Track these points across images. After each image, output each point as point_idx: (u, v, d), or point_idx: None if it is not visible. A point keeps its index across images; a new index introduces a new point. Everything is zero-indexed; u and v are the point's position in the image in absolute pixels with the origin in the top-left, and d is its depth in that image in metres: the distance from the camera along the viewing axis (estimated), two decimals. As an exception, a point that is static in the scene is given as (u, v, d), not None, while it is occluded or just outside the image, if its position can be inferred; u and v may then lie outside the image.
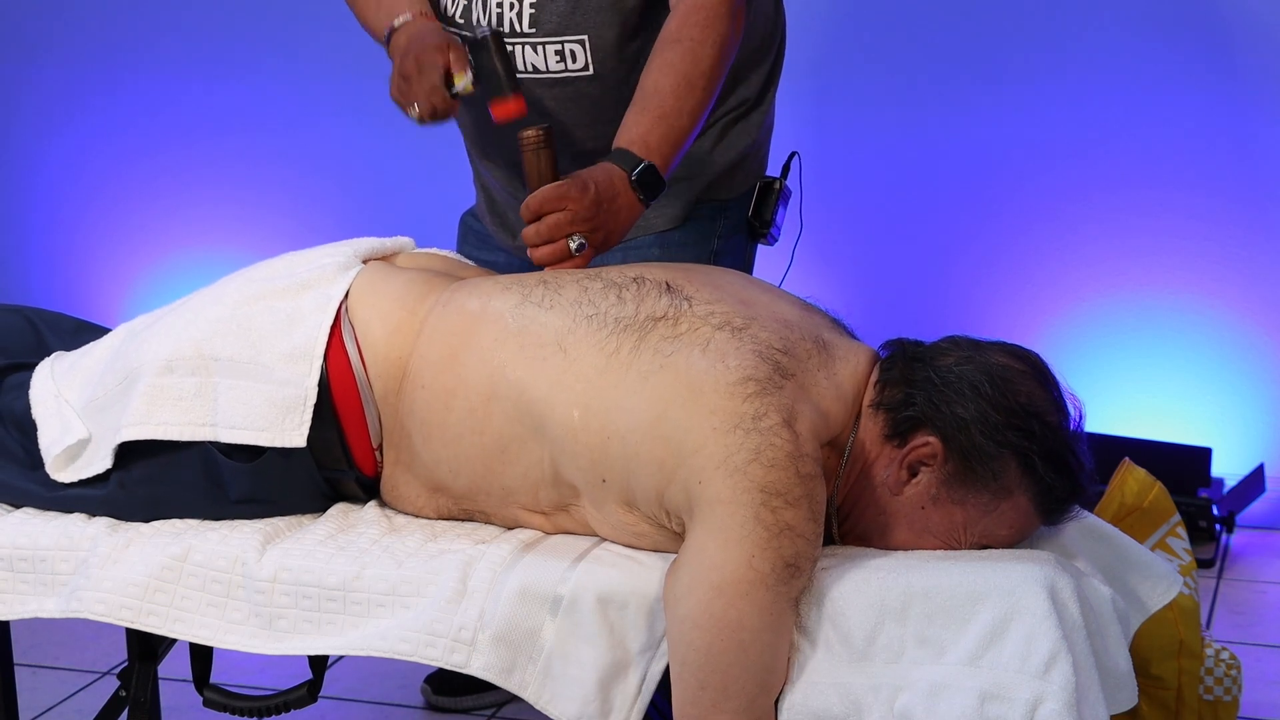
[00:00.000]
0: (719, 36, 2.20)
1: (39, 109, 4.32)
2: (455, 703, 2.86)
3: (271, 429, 1.95)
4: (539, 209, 2.05)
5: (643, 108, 2.16)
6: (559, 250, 2.05)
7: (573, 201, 2.05)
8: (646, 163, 2.11)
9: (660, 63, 2.18)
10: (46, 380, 2.11)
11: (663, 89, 2.16)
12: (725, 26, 2.21)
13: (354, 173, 4.09)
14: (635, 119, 2.15)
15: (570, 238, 2.04)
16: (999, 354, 1.89)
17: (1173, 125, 3.63)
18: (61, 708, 2.88)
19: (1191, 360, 3.69)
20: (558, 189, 2.05)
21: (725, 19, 2.21)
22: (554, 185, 2.06)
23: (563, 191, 2.05)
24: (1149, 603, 1.98)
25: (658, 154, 2.13)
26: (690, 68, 2.17)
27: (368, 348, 1.99)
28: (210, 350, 1.99)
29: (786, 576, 1.75)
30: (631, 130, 2.14)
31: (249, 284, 2.05)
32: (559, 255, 2.05)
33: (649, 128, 2.14)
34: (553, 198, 2.05)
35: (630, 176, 2.10)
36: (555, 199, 2.05)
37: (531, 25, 2.30)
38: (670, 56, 2.18)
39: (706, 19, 2.19)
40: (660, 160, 2.13)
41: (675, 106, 2.15)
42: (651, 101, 2.15)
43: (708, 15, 2.20)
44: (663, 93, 2.16)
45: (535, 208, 2.05)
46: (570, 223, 2.05)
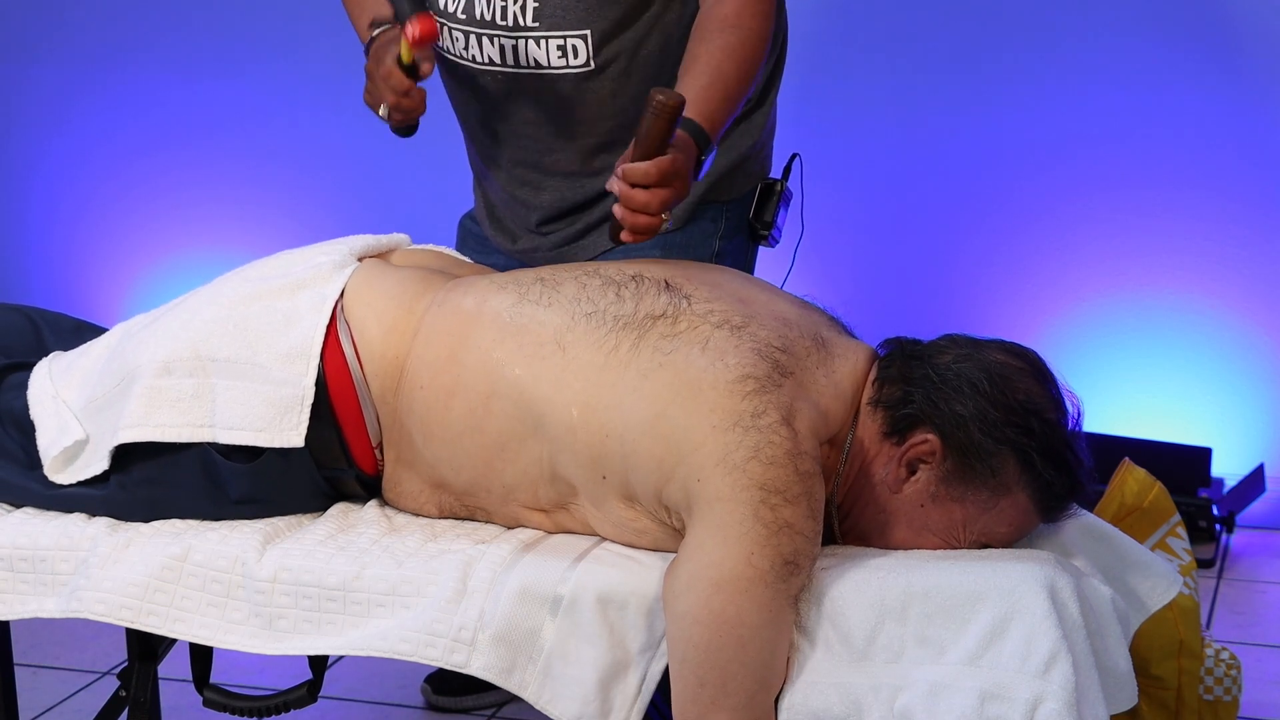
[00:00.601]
0: (769, 30, 2.22)
1: (38, 109, 4.31)
2: (455, 703, 2.86)
3: (269, 429, 1.95)
4: (658, 179, 1.97)
5: (710, 84, 2.12)
6: (655, 224, 1.99)
7: (681, 182, 2.00)
8: (713, 145, 2.11)
9: (722, 44, 2.16)
10: (44, 380, 2.11)
11: (727, 72, 2.14)
12: (773, 21, 2.23)
13: (354, 172, 4.09)
14: (705, 94, 2.10)
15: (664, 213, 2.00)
16: (997, 352, 1.90)
17: (1173, 125, 3.63)
18: (61, 708, 2.88)
19: (1191, 360, 3.69)
20: (673, 164, 1.98)
21: (774, 14, 2.23)
22: (670, 159, 1.97)
23: (679, 169, 1.99)
24: (1149, 603, 1.98)
25: (717, 136, 2.12)
26: (748, 58, 2.17)
27: (364, 347, 1.99)
28: (207, 351, 1.98)
29: (786, 574, 1.75)
30: (702, 105, 2.09)
31: (245, 284, 2.05)
32: (654, 229, 2.00)
33: (718, 108, 2.11)
34: (671, 172, 1.97)
35: (700, 157, 2.08)
36: (673, 175, 1.98)
37: (535, 19, 2.30)
38: (731, 40, 2.16)
39: (764, 10, 2.20)
40: (716, 142, 2.12)
41: (737, 92, 2.15)
42: (718, 81, 2.13)
43: (764, 7, 2.20)
44: (727, 76, 2.14)
45: (655, 176, 1.97)
46: (674, 200, 2.00)
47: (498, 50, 2.33)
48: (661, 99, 1.95)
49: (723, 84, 2.13)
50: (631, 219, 1.99)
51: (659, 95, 1.95)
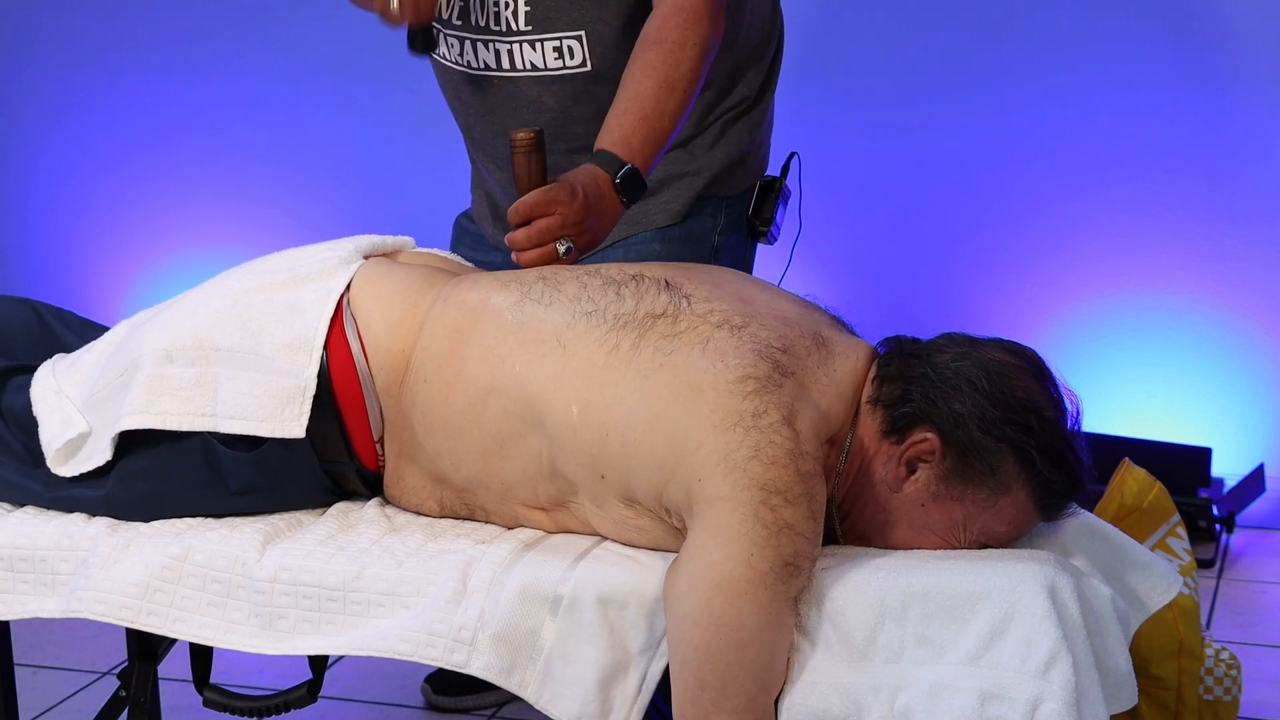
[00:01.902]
0: (700, 38, 2.19)
1: (38, 108, 4.32)
2: (455, 703, 2.86)
3: (271, 419, 1.96)
4: (529, 213, 2.05)
5: (624, 109, 2.15)
6: (547, 254, 2.04)
7: (562, 206, 2.04)
8: (630, 165, 2.11)
9: (642, 64, 2.18)
10: (47, 377, 2.11)
11: (644, 91, 2.16)
12: (706, 28, 2.20)
13: (353, 172, 4.09)
14: (617, 120, 2.15)
15: (558, 241, 2.04)
16: (996, 350, 1.90)
17: (1173, 125, 3.63)
18: (61, 708, 2.88)
19: (1191, 360, 3.69)
20: (547, 194, 2.04)
21: (706, 21, 2.20)
22: (543, 190, 2.05)
23: (552, 196, 2.04)
24: (1149, 603, 1.98)
25: (640, 156, 2.13)
26: (671, 70, 2.17)
27: (369, 340, 1.99)
28: (210, 340, 1.99)
29: (786, 575, 1.75)
30: (614, 132, 2.14)
31: (250, 276, 2.05)
32: (546, 259, 2.05)
33: (631, 129, 2.13)
34: (542, 202, 2.04)
35: (614, 179, 2.10)
36: (545, 204, 2.04)
37: (528, 23, 2.30)
38: (651, 58, 2.18)
39: (687, 20, 2.19)
40: (642, 163, 2.13)
41: (657, 108, 2.15)
42: (633, 103, 2.15)
43: (688, 17, 2.19)
44: (644, 95, 2.15)
45: (525, 212, 2.05)
46: (560, 227, 2.04)
47: (493, 55, 2.34)
48: (516, 136, 2.07)
49: (640, 104, 2.15)
50: (520, 256, 2.06)
51: (513, 133, 2.07)
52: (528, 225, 2.05)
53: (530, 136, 2.08)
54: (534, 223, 2.05)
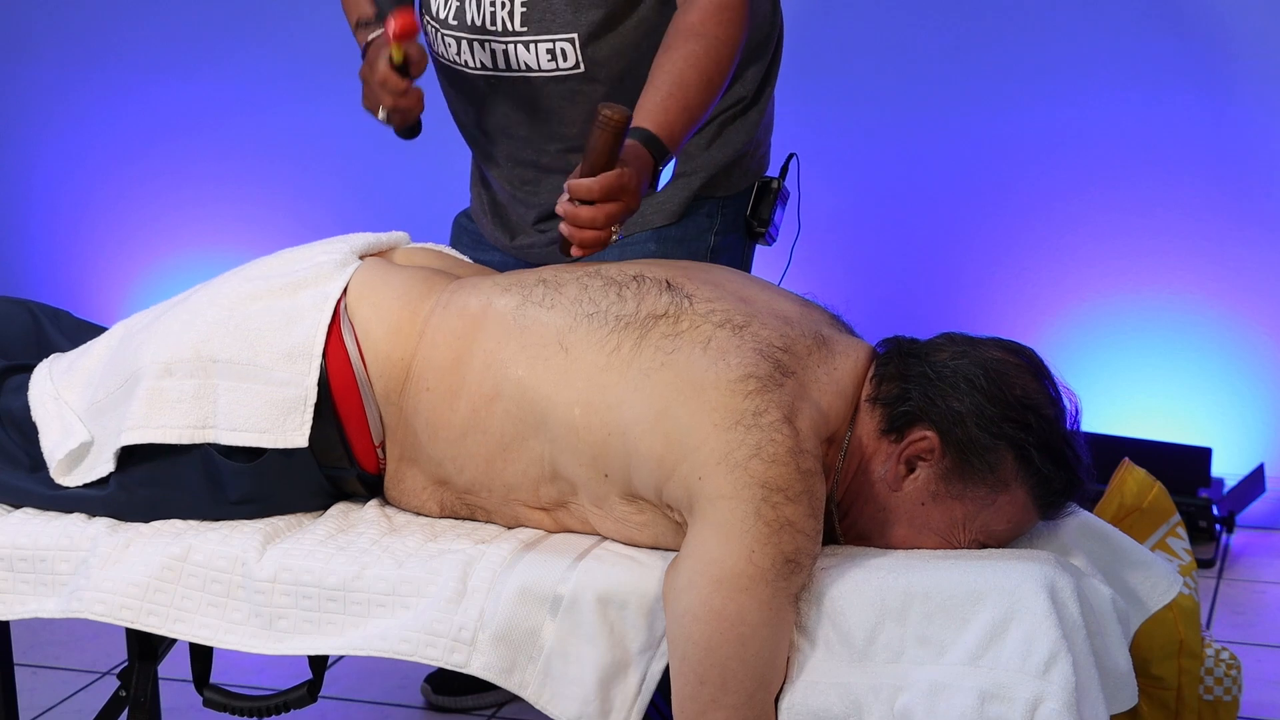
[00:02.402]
0: (738, 37, 2.20)
1: (37, 108, 4.31)
2: (455, 702, 2.86)
3: (273, 430, 1.95)
4: (602, 195, 1.99)
5: (669, 94, 2.13)
6: (603, 238, 2.01)
7: (629, 196, 2.01)
8: (672, 155, 2.11)
9: (685, 53, 2.16)
10: (45, 381, 2.11)
11: (689, 81, 2.14)
12: (742, 27, 2.21)
13: (353, 171, 4.09)
14: (663, 104, 2.11)
15: (614, 226, 2.01)
16: (994, 349, 1.90)
17: (1173, 125, 3.63)
18: (61, 708, 2.88)
19: (1191, 360, 3.69)
20: (619, 179, 1.99)
21: (744, 21, 2.21)
22: (619, 174, 1.99)
23: (625, 183, 2.00)
24: (1149, 603, 1.98)
25: (676, 146, 2.12)
26: (712, 66, 2.17)
27: (368, 347, 1.99)
28: (208, 352, 1.98)
29: (786, 572, 1.76)
30: (659, 115, 2.10)
31: (245, 283, 2.04)
32: (602, 243, 2.01)
33: (676, 117, 2.11)
34: (616, 187, 1.99)
35: (657, 168, 2.09)
36: (618, 189, 1.99)
37: (523, 24, 2.30)
38: (695, 49, 2.16)
39: (730, 18, 2.19)
40: (676, 152, 2.12)
41: (698, 101, 2.14)
42: (678, 91, 2.13)
43: (731, 15, 2.19)
44: (688, 85, 2.14)
45: (599, 192, 1.99)
46: (623, 213, 2.01)
47: (489, 55, 2.34)
48: (607, 114, 1.97)
49: (683, 93, 2.13)
50: (578, 234, 2.01)
51: (605, 110, 1.98)
52: (593, 206, 1.99)
53: (621, 118, 1.99)
54: (601, 206, 1.99)
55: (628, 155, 2.03)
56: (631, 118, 2.01)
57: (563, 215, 2.01)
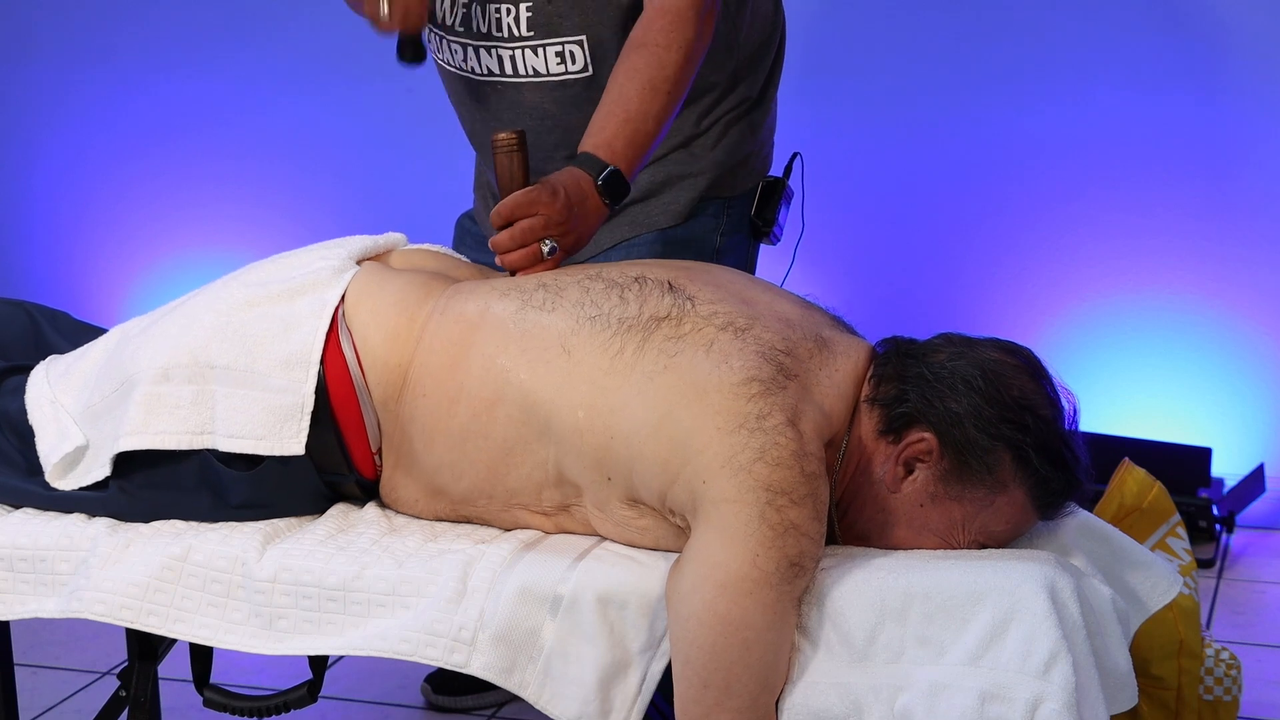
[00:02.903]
0: (685, 40, 2.19)
1: (37, 108, 4.31)
2: (455, 702, 2.86)
3: (270, 437, 1.95)
4: (511, 214, 2.04)
5: (608, 111, 2.15)
6: (531, 255, 2.04)
7: (544, 206, 2.04)
8: (613, 167, 2.11)
9: (626, 67, 2.18)
10: (42, 384, 2.10)
11: (628, 93, 2.16)
12: (691, 30, 2.19)
13: (353, 172, 4.09)
14: (601, 123, 2.15)
15: (542, 241, 2.04)
16: (991, 349, 1.90)
17: (1173, 125, 3.63)
18: (61, 708, 2.88)
19: (1191, 360, 3.69)
20: (529, 194, 2.04)
21: (691, 23, 2.19)
22: (525, 191, 2.05)
23: (534, 197, 2.04)
24: (1149, 603, 1.98)
25: (623, 158, 2.13)
26: (655, 72, 2.17)
27: (366, 354, 1.98)
28: (206, 358, 1.98)
29: (790, 575, 1.76)
30: (597, 134, 2.14)
31: (243, 289, 2.04)
32: (531, 260, 2.04)
33: (615, 132, 2.13)
34: (525, 203, 2.04)
35: (597, 181, 2.10)
36: (527, 205, 2.04)
37: (530, 29, 2.30)
38: (636, 61, 2.18)
39: (672, 23, 2.19)
40: (625, 165, 2.13)
41: (640, 110, 2.15)
42: (617, 106, 2.15)
43: (673, 19, 2.19)
44: (628, 97, 2.15)
45: (506, 214, 2.05)
46: (543, 228, 2.04)
47: (495, 61, 2.34)
48: (497, 138, 2.07)
49: (623, 106, 2.14)
50: (503, 259, 2.05)
51: (495, 133, 2.07)
52: (510, 227, 2.05)
53: (512, 137, 2.08)
54: (517, 224, 2.04)
55: (555, 176, 2.08)
56: (523, 135, 2.08)
57: (491, 247, 2.07)
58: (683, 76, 2.19)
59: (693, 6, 2.19)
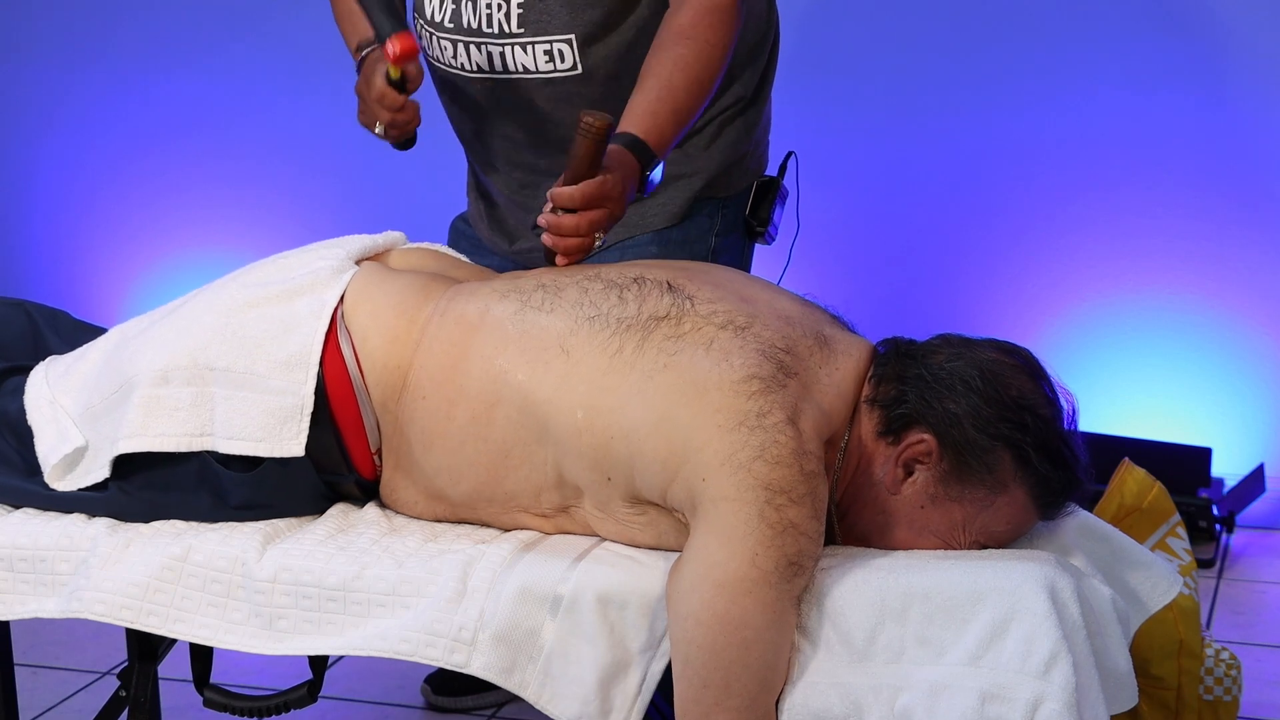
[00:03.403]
0: (729, 40, 2.20)
1: (37, 108, 4.31)
2: (455, 703, 2.86)
3: (270, 439, 1.95)
4: (584, 203, 2.00)
5: (658, 97, 2.13)
6: (587, 245, 2.02)
7: (613, 203, 2.02)
8: (659, 160, 2.11)
9: (674, 56, 2.17)
10: (41, 385, 2.10)
11: (677, 84, 2.15)
12: (734, 31, 2.21)
13: (352, 172, 4.09)
14: (651, 108, 2.12)
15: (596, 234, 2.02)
16: (989, 350, 1.90)
17: (1173, 125, 3.63)
18: (61, 708, 2.88)
19: (1191, 360, 3.69)
20: (603, 186, 2.01)
21: (734, 24, 2.21)
22: (601, 181, 2.00)
23: (608, 191, 2.01)
24: (1149, 603, 1.98)
25: (665, 150, 2.12)
26: (702, 69, 2.17)
27: (365, 356, 1.98)
28: (205, 360, 1.98)
29: (790, 574, 1.75)
30: (647, 120, 2.11)
31: (242, 290, 2.03)
32: (585, 250, 2.02)
33: (665, 121, 2.12)
34: (598, 195, 2.01)
35: (644, 173, 2.09)
36: (600, 197, 2.01)
37: (520, 26, 2.30)
38: (684, 53, 2.17)
39: (721, 20, 2.19)
40: (664, 157, 2.13)
41: (687, 104, 2.15)
42: (666, 95, 2.14)
43: (722, 17, 2.19)
44: (676, 88, 2.14)
45: (581, 201, 2.00)
46: (607, 220, 2.02)
47: (485, 58, 2.34)
48: (589, 120, 1.98)
49: (671, 97, 2.14)
50: (562, 243, 2.02)
51: (586, 116, 1.99)
52: (575, 213, 2.00)
53: (602, 124, 1.99)
54: (584, 214, 2.01)
55: (612, 161, 2.04)
56: (614, 124, 2.02)
57: (545, 225, 2.03)
58: (720, 76, 2.21)
59: (735, 6, 2.20)
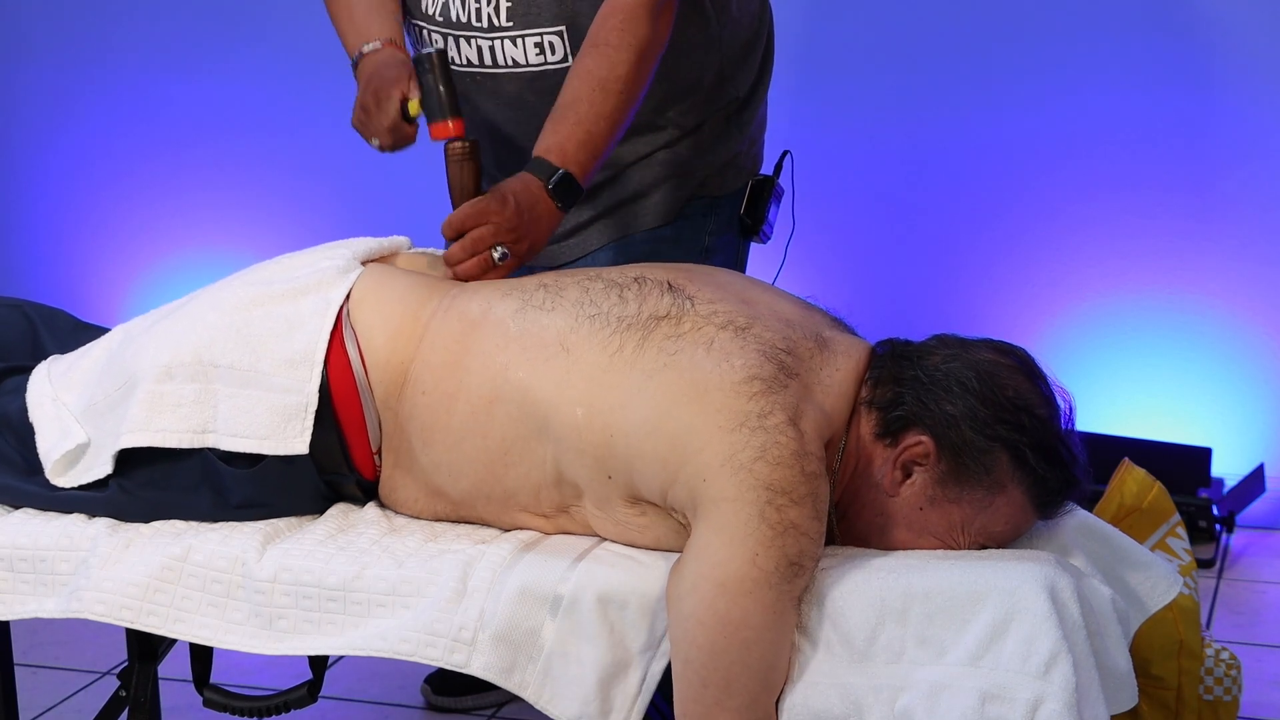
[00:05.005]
0: (636, 39, 2.19)
1: (38, 110, 4.31)
2: (455, 703, 2.86)
3: (273, 437, 1.95)
4: (461, 226, 2.07)
5: (560, 115, 2.17)
6: (482, 263, 2.07)
7: (494, 215, 2.07)
8: (563, 170, 2.13)
9: (579, 68, 2.20)
10: (43, 383, 2.11)
11: (579, 95, 2.17)
12: (644, 29, 2.20)
13: (352, 173, 4.09)
14: (552, 127, 2.17)
15: (493, 249, 2.07)
16: (986, 350, 1.90)
17: (1173, 126, 3.63)
18: (61, 708, 2.88)
19: (1191, 360, 3.69)
20: (477, 205, 2.07)
21: (644, 21, 2.20)
22: (473, 202, 2.08)
23: (482, 207, 2.07)
24: (1149, 603, 1.98)
25: (574, 161, 2.14)
26: (606, 72, 2.17)
27: (369, 353, 1.98)
28: (209, 357, 1.98)
29: (790, 575, 1.76)
30: (548, 138, 2.15)
31: (247, 288, 2.04)
32: (482, 268, 2.07)
33: (565, 135, 2.15)
34: (473, 214, 2.07)
35: (547, 185, 2.12)
36: (476, 215, 2.07)
37: (509, 19, 2.30)
38: (588, 62, 2.19)
39: (623, 22, 2.19)
40: (577, 167, 2.14)
41: (591, 112, 2.16)
42: (568, 109, 2.17)
43: (625, 18, 2.19)
44: (579, 99, 2.17)
45: (457, 225, 2.08)
46: (493, 236, 2.07)
47: (475, 51, 2.34)
48: (448, 145, 2.11)
49: (574, 109, 2.16)
50: (458, 271, 2.07)
51: (448, 143, 2.11)
52: (462, 238, 2.07)
53: (465, 147, 2.11)
54: (467, 234, 2.07)
55: (505, 183, 2.10)
56: (475, 145, 2.11)
57: (444, 261, 2.09)
58: (636, 75, 2.20)
59: (644, 5, 2.20)
